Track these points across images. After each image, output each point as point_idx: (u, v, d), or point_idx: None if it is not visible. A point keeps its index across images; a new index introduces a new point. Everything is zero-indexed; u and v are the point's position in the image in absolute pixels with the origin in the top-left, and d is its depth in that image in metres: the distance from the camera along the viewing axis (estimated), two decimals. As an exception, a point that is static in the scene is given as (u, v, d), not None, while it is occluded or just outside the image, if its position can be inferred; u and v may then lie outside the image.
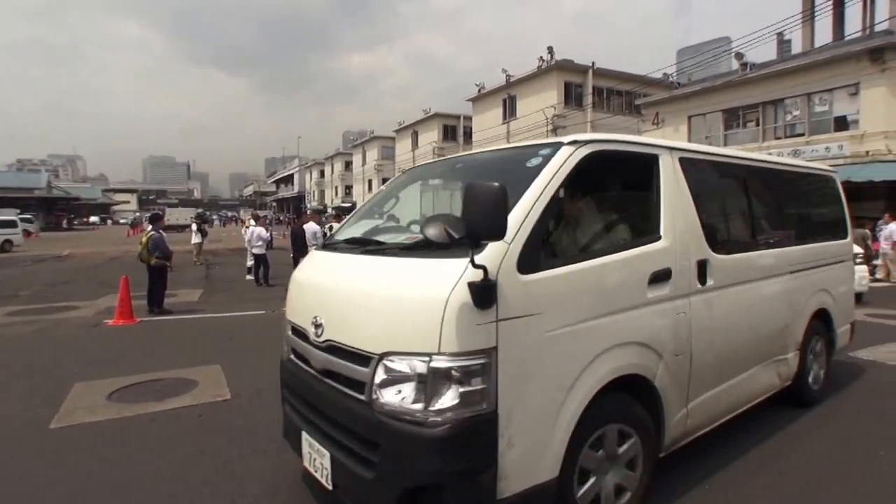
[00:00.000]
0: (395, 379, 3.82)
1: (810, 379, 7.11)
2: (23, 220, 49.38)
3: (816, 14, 32.40)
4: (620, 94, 45.01)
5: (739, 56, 31.84)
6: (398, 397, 3.79)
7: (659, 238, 4.88)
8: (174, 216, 70.60)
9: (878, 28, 30.12)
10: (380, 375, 3.88)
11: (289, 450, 5.12)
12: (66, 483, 5.46)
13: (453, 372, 3.66)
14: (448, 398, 3.68)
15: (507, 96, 48.70)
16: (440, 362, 3.67)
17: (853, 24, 39.87)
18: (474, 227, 3.57)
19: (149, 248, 13.42)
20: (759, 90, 29.58)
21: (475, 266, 3.66)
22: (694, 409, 5.14)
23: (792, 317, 6.49)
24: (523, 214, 4.01)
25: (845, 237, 7.97)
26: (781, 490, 5.21)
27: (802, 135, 28.06)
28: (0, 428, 6.68)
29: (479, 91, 51.81)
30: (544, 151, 4.51)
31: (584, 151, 4.49)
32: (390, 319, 3.89)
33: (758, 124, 30.21)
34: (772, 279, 6.17)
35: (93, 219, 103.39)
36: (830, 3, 35.46)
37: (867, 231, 20.98)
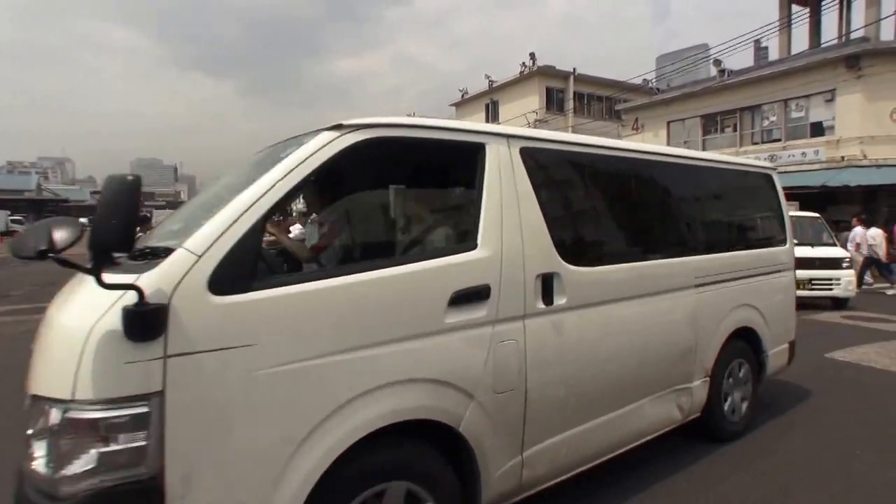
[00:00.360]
0: (37, 433, 2.91)
1: (726, 409, 6.09)
2: (13, 221, 48.78)
3: (793, 22, 32.83)
4: (601, 99, 45.58)
5: (717, 63, 32.24)
6: (36, 459, 2.88)
7: (474, 247, 3.90)
8: (161, 219, 71.79)
9: (853, 35, 30.57)
10: (30, 427, 2.94)
11: None
12: None
13: (91, 425, 2.78)
14: (83, 461, 2.79)
15: (489, 101, 49.40)
16: (75, 412, 2.78)
17: (829, 31, 40.50)
18: (97, 234, 2.71)
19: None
20: (737, 96, 29.96)
21: (104, 286, 2.77)
22: (534, 458, 4.17)
23: (698, 338, 5.51)
24: (229, 220, 3.11)
25: (784, 244, 6.96)
26: (759, 489, 5.26)
27: (779, 140, 28.43)
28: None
29: (463, 96, 52.39)
30: (306, 139, 3.64)
31: (353, 139, 3.55)
32: (44, 353, 3.03)
33: (735, 130, 30.59)
34: (666, 295, 5.19)
35: (81, 220, 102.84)
36: (807, 10, 35.99)
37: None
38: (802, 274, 13.91)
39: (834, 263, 14.62)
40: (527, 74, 45.60)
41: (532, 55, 45.66)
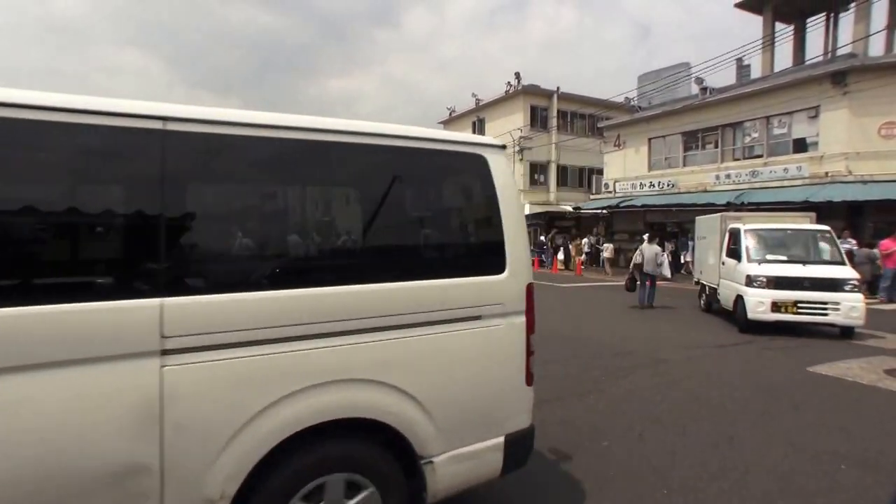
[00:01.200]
0: None
1: None
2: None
3: (777, 39, 32.91)
4: (584, 117, 45.73)
5: (699, 81, 32.25)
6: None
7: None
8: None
9: (840, 52, 30.63)
10: None
11: None
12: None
13: None
14: None
15: (476, 119, 49.80)
16: None
17: (813, 48, 40.63)
18: None
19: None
20: (718, 113, 29.95)
21: None
22: None
23: (169, 450, 3.11)
24: None
25: (500, 271, 4.22)
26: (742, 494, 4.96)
27: (761, 156, 28.33)
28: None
29: (451, 114, 52.56)
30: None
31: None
32: None
33: (716, 146, 30.55)
34: (60, 371, 2.90)
35: None
36: (792, 28, 36.12)
37: (876, 251, 19.78)
38: (786, 296, 12.63)
39: (832, 285, 12.54)
40: (512, 94, 45.79)
41: (517, 75, 45.84)
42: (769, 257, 13.49)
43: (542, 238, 37.91)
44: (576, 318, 14.67)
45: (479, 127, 49.35)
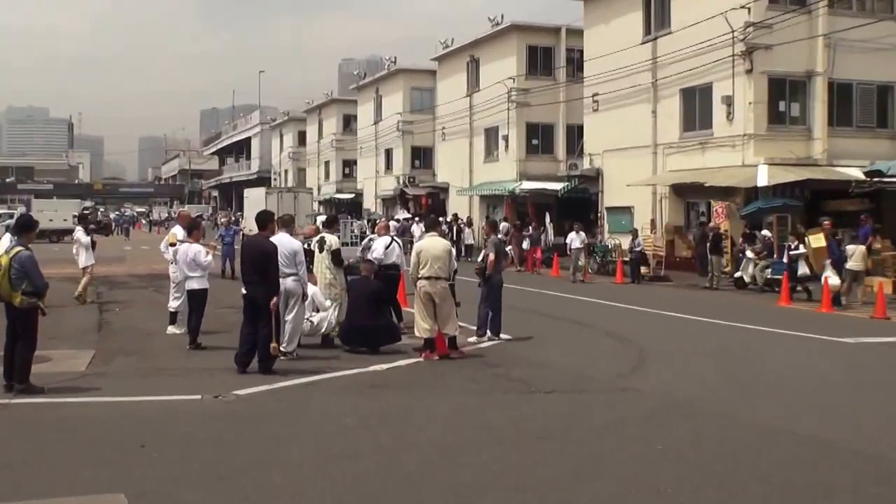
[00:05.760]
0: None
1: None
2: None
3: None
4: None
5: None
6: None
7: None
8: (47, 214, 47.94)
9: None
10: None
11: None
12: None
13: None
14: None
15: (470, 58, 43.72)
16: None
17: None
18: None
19: (11, 277, 9.17)
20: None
21: None
22: None
23: None
24: None
25: None
26: None
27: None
28: None
29: (445, 48, 46.07)
30: None
31: None
32: None
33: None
34: None
35: None
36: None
37: None
38: None
39: None
40: (500, 31, 38.23)
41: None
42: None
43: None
44: None
45: (473, 71, 42.72)
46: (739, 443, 7.51)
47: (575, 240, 25.90)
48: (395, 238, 14.71)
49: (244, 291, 10.67)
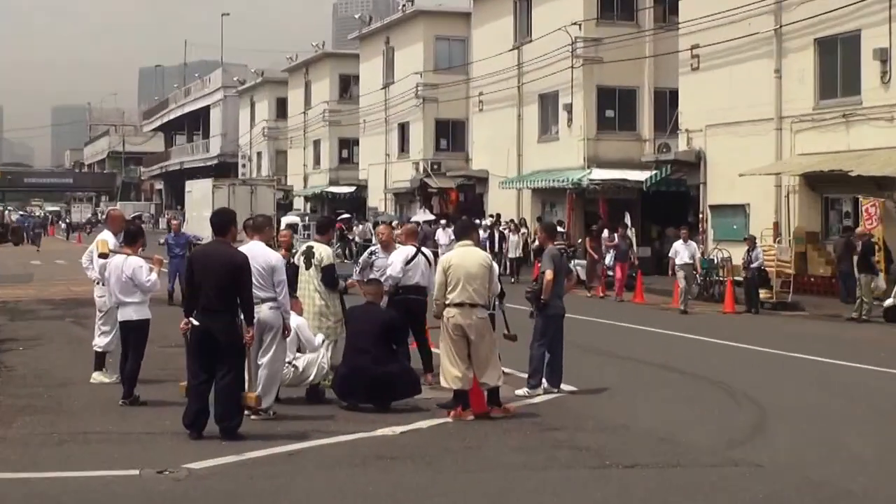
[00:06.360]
0: None
1: None
2: None
3: None
4: None
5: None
6: None
7: None
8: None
9: None
10: None
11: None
12: None
13: None
14: None
15: None
16: None
17: None
18: None
19: None
20: None
21: None
22: None
23: None
24: None
25: None
26: None
27: None
28: None
29: None
30: None
31: None
32: None
33: None
34: None
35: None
36: None
37: None
38: None
39: None
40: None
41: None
42: None
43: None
44: None
45: (523, 12, 43.60)
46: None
47: (683, 252, 25.76)
48: (421, 249, 14.25)
49: (194, 323, 10.61)
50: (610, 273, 30.19)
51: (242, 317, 10.31)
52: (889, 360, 16.50)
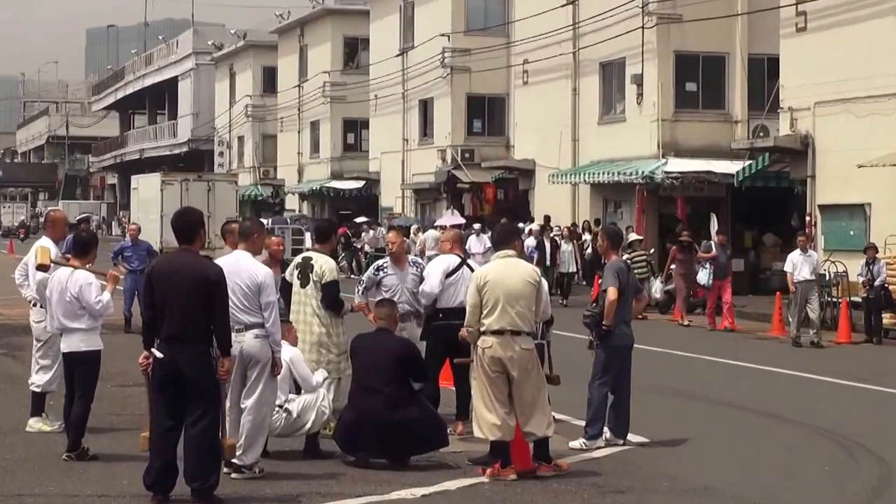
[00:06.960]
0: None
1: None
2: None
3: None
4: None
5: None
6: None
7: None
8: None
9: None
10: None
11: None
12: None
13: None
14: None
15: None
16: None
17: None
18: None
19: None
20: None
21: None
22: None
23: None
24: None
25: None
26: None
27: None
28: None
29: None
30: None
31: None
32: None
33: None
34: None
35: None
36: None
37: None
38: None
39: None
40: None
41: None
42: None
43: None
44: None
45: None
46: None
47: (803, 265, 25.44)
48: (467, 261, 14.04)
49: (157, 355, 10.54)
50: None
51: (217, 346, 10.20)
52: None
